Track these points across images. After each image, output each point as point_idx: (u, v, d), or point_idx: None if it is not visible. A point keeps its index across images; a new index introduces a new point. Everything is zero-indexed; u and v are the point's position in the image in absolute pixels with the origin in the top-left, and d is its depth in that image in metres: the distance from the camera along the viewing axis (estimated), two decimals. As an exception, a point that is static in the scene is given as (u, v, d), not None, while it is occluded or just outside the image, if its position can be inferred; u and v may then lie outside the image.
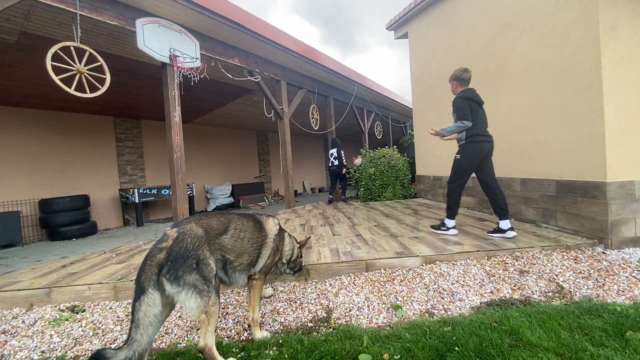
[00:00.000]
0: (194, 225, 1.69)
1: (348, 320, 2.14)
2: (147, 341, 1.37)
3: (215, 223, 1.80)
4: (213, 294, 1.56)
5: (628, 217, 3.07)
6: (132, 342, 1.33)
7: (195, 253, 1.57)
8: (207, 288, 1.54)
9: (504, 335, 1.73)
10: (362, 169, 8.06)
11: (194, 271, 1.53)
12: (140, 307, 1.38)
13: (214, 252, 1.71)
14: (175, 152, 4.83)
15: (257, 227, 2.02)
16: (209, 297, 1.53)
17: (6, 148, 7.06)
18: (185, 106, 5.25)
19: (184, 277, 1.49)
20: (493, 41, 4.58)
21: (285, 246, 2.26)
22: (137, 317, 1.37)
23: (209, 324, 1.53)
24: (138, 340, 1.34)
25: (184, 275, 1.50)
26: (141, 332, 1.35)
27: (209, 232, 1.72)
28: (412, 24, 7.08)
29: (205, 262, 1.59)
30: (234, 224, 1.88)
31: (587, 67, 3.21)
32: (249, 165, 13.77)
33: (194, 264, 1.53)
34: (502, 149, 4.55)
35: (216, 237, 1.75)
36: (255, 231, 1.99)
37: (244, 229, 1.92)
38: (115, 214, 8.97)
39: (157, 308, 1.41)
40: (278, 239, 2.15)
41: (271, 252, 2.06)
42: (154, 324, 1.41)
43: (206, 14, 4.77)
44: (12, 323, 2.36)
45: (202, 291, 1.52)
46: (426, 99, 6.88)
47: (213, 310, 1.54)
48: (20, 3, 3.48)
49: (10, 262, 4.97)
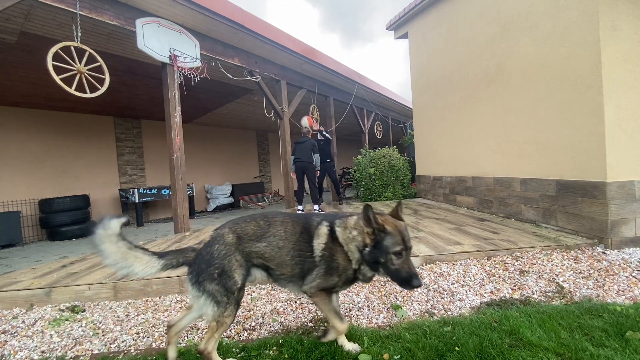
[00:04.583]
0: (227, 231, 1.61)
1: (348, 320, 2.14)
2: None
3: (252, 228, 1.64)
4: (231, 306, 1.52)
5: (628, 217, 3.07)
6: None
7: (220, 262, 1.51)
8: (225, 300, 1.50)
9: (504, 335, 1.73)
10: (362, 169, 8.05)
11: (215, 281, 1.49)
12: (145, 252, 1.50)
13: (248, 259, 1.60)
14: (176, 152, 4.83)
15: (303, 237, 1.65)
16: (225, 309, 1.50)
17: (6, 148, 7.06)
18: (185, 106, 5.25)
19: (204, 284, 1.49)
20: (493, 41, 4.58)
21: (349, 247, 1.61)
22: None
23: (216, 332, 1.53)
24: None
25: (204, 283, 1.49)
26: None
27: (242, 238, 1.60)
28: (412, 24, 7.08)
29: (228, 274, 1.52)
30: (273, 231, 1.64)
31: (587, 67, 3.21)
32: (249, 165, 13.77)
33: (215, 273, 1.50)
34: (502, 149, 4.56)
35: (252, 244, 1.61)
36: (300, 242, 1.64)
37: (284, 238, 1.63)
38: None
39: (149, 269, 1.50)
40: (330, 253, 1.60)
41: (322, 270, 1.60)
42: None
43: (206, 14, 4.77)
44: (12, 323, 2.36)
45: (219, 302, 1.49)
46: (426, 98, 6.88)
47: (225, 321, 1.52)
48: (20, 3, 3.48)
49: (11, 262, 4.97)
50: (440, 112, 6.24)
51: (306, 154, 6.03)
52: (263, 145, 14.42)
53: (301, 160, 6.05)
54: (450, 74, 5.77)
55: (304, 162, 6.03)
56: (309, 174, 6.12)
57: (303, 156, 6.04)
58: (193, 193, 9.50)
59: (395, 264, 1.48)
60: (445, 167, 6.19)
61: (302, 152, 6.07)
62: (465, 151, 5.44)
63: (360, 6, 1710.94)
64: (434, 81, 6.46)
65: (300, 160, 6.06)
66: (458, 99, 5.56)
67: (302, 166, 6.07)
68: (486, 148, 4.88)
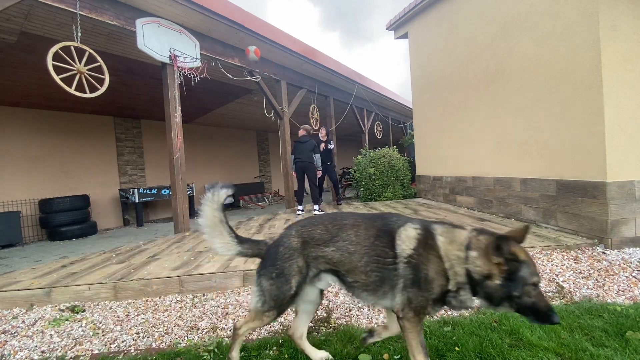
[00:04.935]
0: (292, 233, 1.55)
1: (348, 320, 2.14)
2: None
3: (319, 232, 1.52)
4: (274, 310, 1.49)
5: (628, 217, 3.07)
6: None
7: (281, 265, 1.48)
8: (273, 302, 1.47)
9: (504, 335, 1.74)
10: (362, 169, 8.05)
11: (270, 280, 1.48)
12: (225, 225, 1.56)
13: (314, 265, 1.50)
14: (176, 152, 4.83)
15: (380, 241, 1.43)
16: (267, 309, 1.49)
17: (6, 148, 7.06)
18: (185, 106, 5.25)
19: (261, 279, 1.51)
20: (493, 41, 4.58)
21: (453, 266, 1.33)
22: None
23: (251, 322, 1.55)
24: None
25: (262, 278, 1.51)
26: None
27: (307, 243, 1.51)
28: (412, 24, 7.08)
29: (286, 278, 1.46)
30: (343, 235, 1.49)
31: (587, 67, 3.21)
32: (249, 165, 13.77)
33: (274, 273, 1.48)
34: (502, 148, 4.56)
35: (318, 248, 1.50)
36: (376, 246, 1.43)
37: (356, 242, 1.46)
38: (115, 214, 8.96)
39: (226, 250, 1.56)
40: (419, 261, 1.35)
41: (408, 281, 1.35)
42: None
43: (206, 14, 4.77)
44: (12, 323, 2.36)
45: (265, 301, 1.48)
46: (426, 98, 6.88)
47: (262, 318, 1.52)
48: (20, 3, 3.48)
49: (10, 262, 4.97)
50: (440, 112, 6.24)
51: (307, 154, 6.04)
52: (263, 145, 14.42)
53: (302, 160, 6.05)
54: (450, 74, 5.77)
55: (305, 162, 6.04)
56: (310, 174, 6.12)
57: (304, 156, 6.05)
58: (193, 193, 9.50)
59: (532, 297, 1.26)
60: (445, 167, 6.19)
61: (302, 152, 6.07)
62: (465, 151, 5.44)
63: (361, 5, 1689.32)
64: (434, 81, 6.46)
65: (301, 160, 6.06)
66: (458, 99, 5.56)
67: (303, 166, 6.07)
68: (486, 148, 4.88)
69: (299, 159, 6.08)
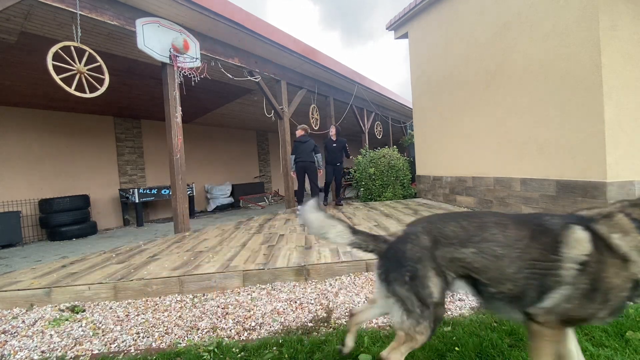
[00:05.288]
0: (420, 230, 1.32)
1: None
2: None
3: (452, 230, 1.29)
4: (425, 322, 1.22)
5: (628, 217, 3.06)
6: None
7: (412, 266, 1.24)
8: (418, 312, 1.22)
9: (504, 335, 1.73)
10: (362, 169, 8.05)
11: (405, 285, 1.24)
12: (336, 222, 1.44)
13: (446, 269, 1.25)
14: (176, 152, 4.84)
15: (538, 244, 1.21)
16: (417, 322, 1.23)
17: (6, 148, 7.06)
18: (185, 106, 5.25)
19: (394, 285, 1.27)
20: (493, 41, 4.58)
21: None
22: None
23: (403, 345, 1.28)
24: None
25: (394, 283, 1.27)
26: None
27: (439, 242, 1.27)
28: (412, 24, 7.08)
29: (421, 281, 1.23)
30: (485, 235, 1.25)
31: (587, 67, 3.21)
32: (249, 165, 13.77)
33: (407, 276, 1.25)
34: (502, 148, 4.56)
35: (453, 249, 1.25)
36: (532, 250, 1.20)
37: (505, 244, 1.22)
38: (115, 214, 8.97)
39: (340, 238, 1.42)
40: (598, 268, 1.13)
41: (578, 292, 1.13)
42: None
43: (206, 14, 4.77)
44: (12, 323, 2.36)
45: (411, 312, 1.23)
46: (426, 98, 6.88)
47: (416, 338, 1.25)
48: (20, 3, 3.48)
49: (10, 262, 4.97)
50: (440, 112, 6.24)
51: (308, 154, 6.05)
52: (263, 145, 14.42)
53: (303, 160, 6.06)
54: (450, 74, 5.77)
55: (306, 162, 6.05)
56: (311, 174, 6.13)
57: (305, 156, 6.05)
58: (193, 193, 9.50)
59: None
60: (445, 167, 6.20)
61: (303, 152, 6.08)
62: (465, 151, 5.44)
63: (361, 4, 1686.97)
64: (434, 81, 6.46)
65: (302, 160, 6.06)
66: (458, 99, 5.57)
67: (304, 166, 6.08)
68: (486, 148, 4.88)
69: (300, 159, 6.09)
